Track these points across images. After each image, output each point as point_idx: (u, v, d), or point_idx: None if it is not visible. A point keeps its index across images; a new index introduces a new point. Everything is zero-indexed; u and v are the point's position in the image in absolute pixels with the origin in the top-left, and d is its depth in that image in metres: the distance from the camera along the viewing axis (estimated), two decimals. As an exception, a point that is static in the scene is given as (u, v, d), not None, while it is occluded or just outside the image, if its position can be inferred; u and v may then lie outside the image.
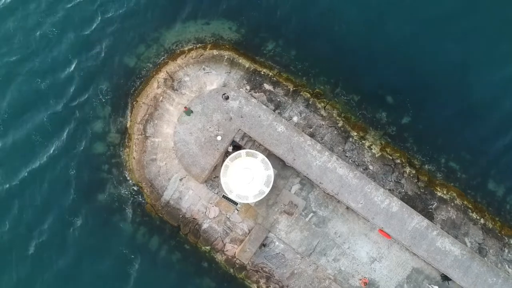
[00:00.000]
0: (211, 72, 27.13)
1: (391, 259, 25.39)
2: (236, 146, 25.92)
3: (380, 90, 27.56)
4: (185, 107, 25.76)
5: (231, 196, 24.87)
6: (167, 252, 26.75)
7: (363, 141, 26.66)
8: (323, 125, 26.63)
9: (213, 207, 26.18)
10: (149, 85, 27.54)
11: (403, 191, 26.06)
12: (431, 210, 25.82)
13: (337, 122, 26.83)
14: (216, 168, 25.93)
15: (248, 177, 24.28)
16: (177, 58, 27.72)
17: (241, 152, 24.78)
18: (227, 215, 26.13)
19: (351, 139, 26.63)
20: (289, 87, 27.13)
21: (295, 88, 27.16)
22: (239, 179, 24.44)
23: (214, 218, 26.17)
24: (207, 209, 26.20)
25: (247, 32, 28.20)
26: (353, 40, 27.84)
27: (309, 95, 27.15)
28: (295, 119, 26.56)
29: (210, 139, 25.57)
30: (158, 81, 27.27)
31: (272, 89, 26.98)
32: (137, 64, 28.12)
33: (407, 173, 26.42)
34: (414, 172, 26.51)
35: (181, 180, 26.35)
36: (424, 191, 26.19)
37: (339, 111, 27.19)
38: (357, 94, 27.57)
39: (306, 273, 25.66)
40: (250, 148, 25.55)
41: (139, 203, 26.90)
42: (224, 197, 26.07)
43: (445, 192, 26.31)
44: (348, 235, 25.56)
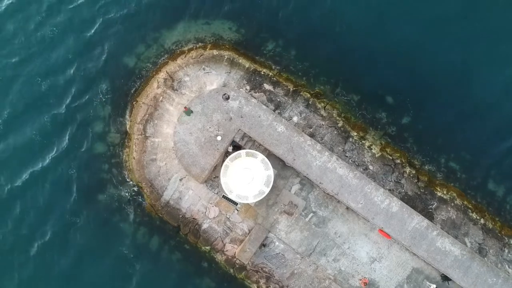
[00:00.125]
0: (211, 72, 27.12)
1: (391, 259, 25.39)
2: (236, 146, 25.90)
3: (380, 90, 27.55)
4: (185, 107, 25.74)
5: (231, 196, 24.86)
6: (167, 252, 26.76)
7: (363, 141, 26.65)
8: (323, 125, 26.61)
9: (213, 207, 26.18)
10: (149, 85, 27.53)
11: (403, 191, 26.05)
12: (431, 210, 25.80)
13: (337, 122, 26.82)
14: (216, 168, 25.92)
15: (248, 177, 24.27)
16: (177, 58, 27.71)
17: (241, 152, 24.77)
18: (227, 215, 26.13)
19: (351, 139, 26.62)
20: (289, 87, 27.12)
21: (295, 88, 27.15)
22: (239, 179, 24.43)
23: (214, 218, 26.17)
24: (207, 209, 26.19)
25: (247, 32, 28.19)
26: (353, 40, 27.83)
27: (309, 95, 27.14)
28: (295, 119, 26.55)
29: (210, 139, 25.56)
30: (158, 81, 27.27)
31: (272, 89, 26.97)
32: (137, 64, 28.12)
33: (407, 173, 26.41)
34: (414, 172, 26.50)
35: (181, 180, 26.35)
36: (424, 191, 26.18)
37: (339, 111, 27.18)
38: (357, 94, 27.56)
39: (306, 273, 25.65)
40: (250, 148, 25.54)
41: (139, 203, 26.91)
42: (224, 197, 26.06)
43: (445, 192, 26.30)
44: (348, 235, 25.55)
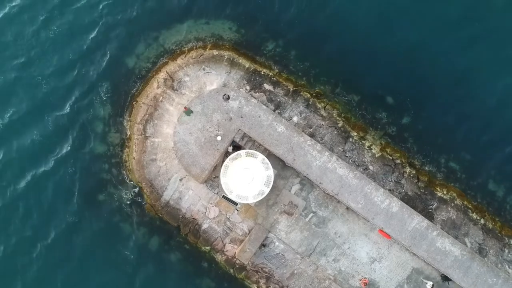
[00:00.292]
0: (211, 72, 27.10)
1: (391, 259, 25.37)
2: (236, 146, 25.89)
3: (380, 90, 27.53)
4: (185, 107, 25.73)
5: (231, 196, 24.84)
6: (167, 252, 26.75)
7: (363, 141, 26.63)
8: (323, 125, 26.60)
9: (213, 207, 26.16)
10: (149, 85, 27.51)
11: (403, 191, 26.03)
12: (431, 211, 25.79)
13: (337, 122, 26.80)
14: (216, 168, 25.91)
15: (248, 177, 24.25)
16: (177, 58, 27.69)
17: (241, 152, 24.75)
18: (227, 215, 26.11)
19: (351, 139, 26.60)
20: (289, 87, 27.10)
21: (295, 88, 27.13)
22: (239, 179, 24.41)
23: (214, 218, 26.15)
24: (207, 209, 26.18)
25: (247, 32, 28.16)
26: (353, 40, 27.80)
27: (309, 95, 27.12)
28: (295, 119, 26.53)
29: (210, 139, 25.54)
30: (158, 81, 27.24)
31: (272, 89, 26.95)
32: (137, 64, 28.10)
33: (407, 173, 26.39)
34: (414, 172, 26.49)
35: (181, 180, 26.33)
36: (424, 191, 26.16)
37: (339, 111, 27.16)
38: (357, 94, 27.54)
39: (306, 274, 25.64)
40: (250, 148, 25.52)
41: (139, 203, 26.89)
42: (224, 197, 26.04)
43: (445, 192, 26.28)
44: (348, 235, 25.54)
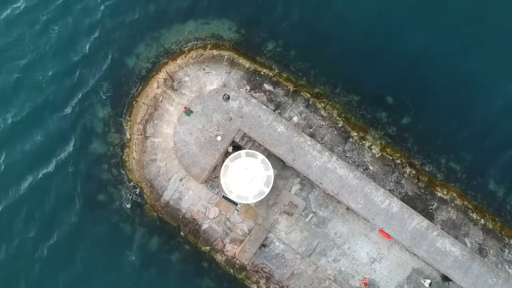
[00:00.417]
0: (211, 72, 27.08)
1: (391, 259, 25.36)
2: (236, 147, 25.87)
3: (380, 90, 27.52)
4: (185, 107, 25.72)
5: (231, 196, 24.83)
6: (167, 252, 26.73)
7: (363, 142, 26.61)
8: (323, 125, 26.58)
9: (213, 207, 26.15)
10: (149, 85, 27.50)
11: (403, 191, 26.02)
12: (431, 211, 25.77)
13: (337, 122, 26.78)
14: (216, 168, 25.89)
15: (248, 177, 24.24)
16: (177, 58, 27.67)
17: (241, 152, 24.74)
18: (227, 215, 26.10)
19: (351, 139, 26.59)
20: (289, 87, 27.08)
21: (295, 88, 27.11)
22: (239, 180, 24.39)
23: (214, 218, 26.14)
24: (207, 209, 26.16)
25: (247, 32, 28.15)
26: (353, 40, 27.78)
27: (309, 95, 27.10)
28: (295, 119, 26.51)
29: (210, 139, 25.53)
30: (158, 81, 27.23)
31: (272, 89, 26.94)
32: (137, 64, 28.09)
33: (407, 173, 26.38)
34: (414, 172, 26.47)
35: (181, 180, 26.31)
36: (424, 192, 26.14)
37: (339, 111, 27.14)
38: (357, 94, 27.52)
39: (306, 274, 25.63)
40: (250, 149, 25.51)
41: (139, 203, 26.88)
42: (224, 197, 26.03)
43: (445, 193, 26.26)
44: (348, 235, 25.52)
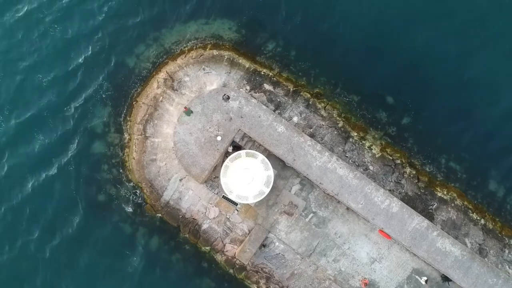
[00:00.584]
0: (211, 72, 27.07)
1: (391, 259, 25.35)
2: (236, 147, 25.86)
3: (380, 90, 27.52)
4: (185, 107, 25.71)
5: (231, 196, 24.82)
6: (167, 252, 26.73)
7: (363, 142, 26.60)
8: (323, 125, 26.57)
9: (213, 207, 26.14)
10: (149, 85, 27.49)
11: (403, 191, 26.01)
12: (431, 211, 25.77)
13: (337, 122, 26.77)
14: (216, 168, 25.89)
15: (248, 177, 24.23)
16: (177, 58, 27.67)
17: (241, 152, 24.73)
18: (227, 215, 26.09)
19: (351, 139, 26.58)
20: (289, 87, 27.07)
21: (295, 88, 27.10)
22: (239, 180, 24.39)
23: (214, 218, 26.13)
24: (207, 209, 26.16)
25: (247, 32, 28.15)
26: (353, 40, 27.80)
27: (309, 95, 27.09)
28: (295, 119, 26.51)
29: (210, 140, 25.52)
30: (158, 81, 27.22)
31: (272, 89, 26.93)
32: (137, 64, 28.09)
33: (407, 173, 26.37)
34: (414, 172, 26.46)
35: (181, 180, 26.31)
36: (425, 192, 26.14)
37: (339, 111, 27.14)
38: (357, 94, 27.52)
39: (306, 274, 25.62)
40: (250, 149, 25.50)
41: (139, 203, 26.87)
42: (224, 197, 26.02)
43: (445, 193, 26.25)
44: (348, 235, 25.52)
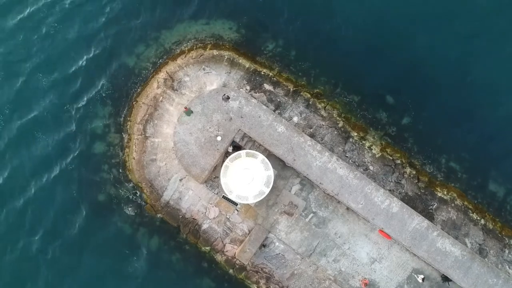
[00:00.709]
0: (211, 72, 27.07)
1: (391, 259, 25.35)
2: (236, 147, 25.86)
3: (380, 90, 27.53)
4: (185, 107, 25.70)
5: (231, 196, 24.81)
6: (167, 252, 26.72)
7: (363, 142, 26.60)
8: (323, 125, 26.57)
9: (213, 207, 26.14)
10: (149, 85, 27.48)
11: (403, 191, 26.00)
12: (431, 211, 25.76)
13: (338, 122, 26.77)
14: (216, 168, 25.88)
15: (248, 177, 24.22)
16: (177, 58, 27.66)
17: (241, 152, 24.72)
18: (227, 215, 26.09)
19: (351, 139, 26.57)
20: (289, 87, 27.07)
21: (295, 88, 27.10)
22: (239, 180, 24.38)
23: (214, 218, 26.13)
24: (207, 209, 26.15)
25: (247, 32, 28.15)
26: (353, 40, 27.79)
27: (309, 95, 27.09)
28: (295, 119, 26.50)
29: (210, 140, 25.52)
30: (158, 81, 27.22)
31: (272, 89, 26.92)
32: (137, 64, 28.09)
33: (408, 173, 26.36)
34: (414, 172, 26.45)
35: (181, 180, 26.30)
36: (425, 192, 26.13)
37: (339, 111, 27.13)
38: (358, 94, 27.51)
39: (306, 274, 25.62)
40: (250, 149, 25.50)
41: (139, 203, 26.87)
42: (224, 197, 26.02)
43: (445, 193, 26.25)
44: (348, 235, 25.51)
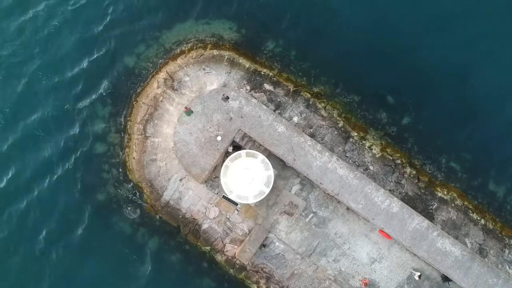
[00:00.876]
0: (211, 72, 27.06)
1: (391, 259, 25.35)
2: (236, 147, 25.86)
3: (380, 90, 27.51)
4: (185, 107, 25.69)
5: (231, 196, 24.81)
6: (167, 252, 26.71)
7: (363, 142, 26.60)
8: (324, 125, 26.57)
9: (213, 207, 26.14)
10: (149, 85, 27.48)
11: (403, 191, 26.00)
12: (431, 211, 25.76)
13: (338, 122, 26.77)
14: (216, 168, 25.88)
15: (248, 177, 24.22)
16: (177, 58, 27.66)
17: (241, 152, 24.72)
18: (227, 215, 26.09)
19: (351, 139, 26.57)
20: (289, 87, 27.07)
21: (295, 88, 27.10)
22: (239, 180, 24.38)
23: (214, 218, 26.13)
24: (207, 209, 26.15)
25: (247, 32, 28.13)
26: (354, 40, 27.76)
27: (309, 95, 27.09)
28: (295, 119, 26.50)
29: (210, 139, 25.51)
30: (158, 81, 27.22)
31: (273, 89, 26.92)
32: (137, 64, 28.08)
33: (408, 173, 26.36)
34: (414, 172, 26.45)
35: (181, 180, 26.30)
36: (425, 192, 26.13)
37: (340, 111, 27.13)
38: (358, 94, 27.50)
39: (306, 274, 25.62)
40: (250, 149, 25.49)
41: (139, 203, 26.87)
42: (224, 197, 26.02)
43: (445, 193, 26.25)
44: (348, 235, 25.51)
